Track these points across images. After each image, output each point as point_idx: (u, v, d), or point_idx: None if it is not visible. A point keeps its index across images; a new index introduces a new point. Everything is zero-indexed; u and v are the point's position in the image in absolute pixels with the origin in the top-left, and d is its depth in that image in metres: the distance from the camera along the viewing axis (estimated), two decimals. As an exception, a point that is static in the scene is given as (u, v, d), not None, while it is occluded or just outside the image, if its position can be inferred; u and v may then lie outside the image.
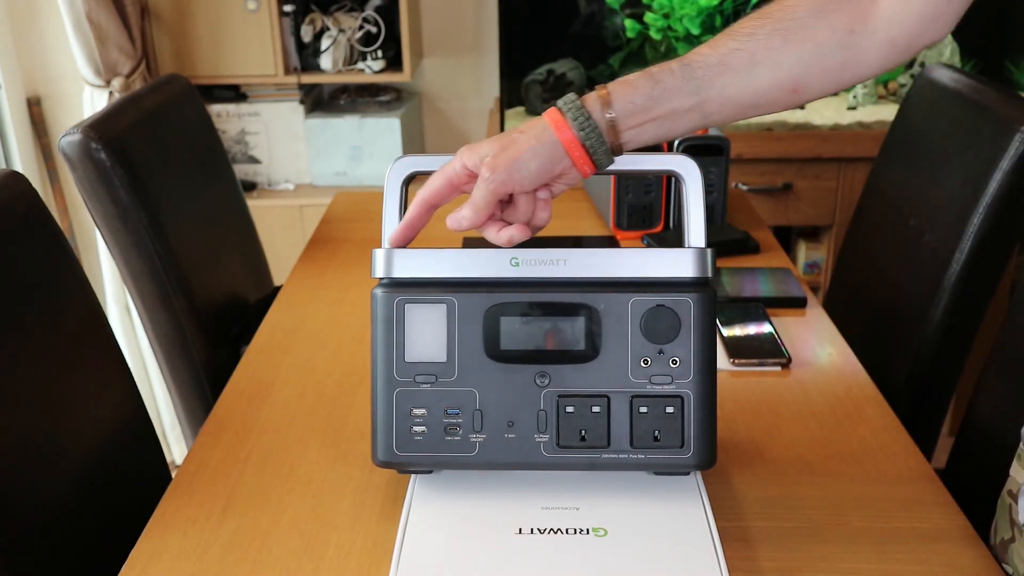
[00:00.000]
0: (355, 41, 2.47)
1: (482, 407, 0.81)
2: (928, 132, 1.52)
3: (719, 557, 0.76)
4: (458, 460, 0.82)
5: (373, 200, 1.93)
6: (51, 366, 1.02)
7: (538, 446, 0.81)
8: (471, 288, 0.81)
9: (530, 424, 0.81)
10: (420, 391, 0.82)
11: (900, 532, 0.87)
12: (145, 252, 1.37)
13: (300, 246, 1.83)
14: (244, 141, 2.56)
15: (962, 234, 1.32)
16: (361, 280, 1.47)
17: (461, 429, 0.81)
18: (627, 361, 0.81)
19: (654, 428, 0.81)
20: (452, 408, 0.81)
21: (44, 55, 2.33)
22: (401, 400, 0.82)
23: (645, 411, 0.81)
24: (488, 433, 0.81)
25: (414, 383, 0.82)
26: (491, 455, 0.82)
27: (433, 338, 0.81)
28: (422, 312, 0.82)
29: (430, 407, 0.81)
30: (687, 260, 0.81)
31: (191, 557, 0.85)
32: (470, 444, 0.82)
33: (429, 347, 0.81)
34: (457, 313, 0.81)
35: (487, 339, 0.81)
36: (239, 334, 1.56)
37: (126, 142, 1.35)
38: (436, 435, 0.82)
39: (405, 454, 0.82)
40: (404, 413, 0.81)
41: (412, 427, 0.82)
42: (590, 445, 0.81)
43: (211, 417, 1.09)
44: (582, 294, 0.80)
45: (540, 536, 0.79)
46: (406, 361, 0.82)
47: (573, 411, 0.81)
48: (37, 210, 1.06)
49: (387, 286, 0.83)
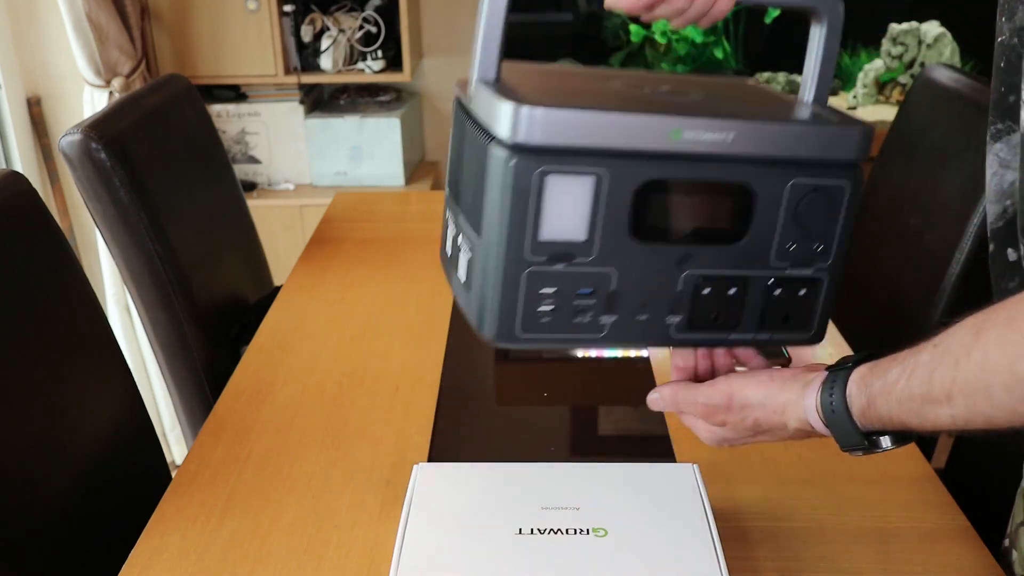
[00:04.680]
0: (355, 41, 2.47)
1: (618, 288, 0.74)
2: (928, 132, 1.52)
3: (719, 557, 0.76)
4: (584, 340, 0.76)
5: (373, 200, 1.93)
6: (51, 366, 1.02)
7: (668, 327, 0.76)
8: (623, 160, 0.71)
9: (664, 306, 0.75)
10: (552, 272, 0.73)
11: (900, 532, 0.87)
12: (145, 252, 1.37)
13: (300, 246, 1.83)
14: (244, 141, 2.56)
15: (962, 234, 1.32)
16: (361, 280, 1.47)
17: (592, 311, 0.74)
18: (773, 243, 0.76)
19: (786, 311, 0.78)
20: (585, 288, 0.74)
21: (44, 55, 2.33)
22: (531, 281, 0.73)
23: (779, 294, 0.77)
24: (620, 315, 0.75)
25: (547, 264, 0.72)
26: (619, 336, 0.76)
27: (574, 214, 0.71)
28: (566, 185, 0.71)
29: (562, 288, 0.73)
30: (851, 141, 0.74)
31: (191, 557, 0.85)
32: (599, 326, 0.75)
33: (568, 225, 0.72)
34: (606, 188, 0.71)
35: (634, 217, 0.72)
36: (239, 334, 1.56)
37: (126, 142, 1.35)
38: (564, 316, 0.74)
39: (528, 335, 0.74)
40: (532, 294, 0.73)
41: (539, 308, 0.73)
42: (720, 326, 0.77)
43: (211, 417, 1.09)
44: (743, 172, 0.74)
45: (540, 536, 0.79)
46: (539, 240, 0.71)
47: (710, 293, 0.76)
48: (37, 210, 1.06)
49: (522, 152, 0.70)
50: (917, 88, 1.60)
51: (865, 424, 0.66)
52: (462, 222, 0.77)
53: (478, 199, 0.72)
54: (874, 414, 0.65)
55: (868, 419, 0.66)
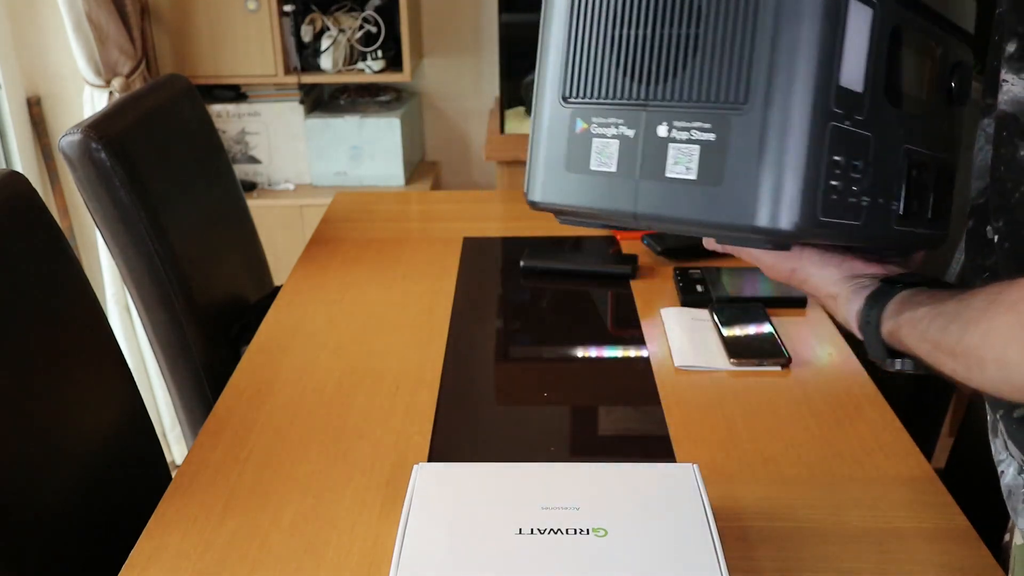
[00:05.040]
0: (355, 41, 2.47)
1: (873, 161, 0.64)
2: (928, 132, 1.52)
3: (719, 557, 0.76)
4: (847, 231, 0.63)
5: (373, 200, 1.93)
6: (51, 366, 1.02)
7: (890, 216, 0.67)
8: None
9: (891, 189, 0.66)
10: (846, 132, 0.60)
11: (900, 532, 0.87)
12: (145, 252, 1.37)
13: (300, 246, 1.83)
14: (244, 141, 2.56)
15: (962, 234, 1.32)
16: (361, 280, 1.47)
17: (858, 189, 0.63)
18: (945, 126, 0.72)
19: (942, 203, 0.76)
20: (858, 159, 0.62)
21: (44, 55, 2.33)
22: (833, 142, 0.59)
23: (941, 184, 0.75)
24: (871, 198, 0.65)
25: (843, 120, 0.59)
26: (871, 227, 0.66)
27: (858, 56, 0.60)
28: (857, 15, 0.58)
29: (846, 157, 0.61)
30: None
31: (191, 557, 0.85)
32: (859, 209, 0.63)
33: (855, 69, 0.60)
34: (877, 26, 0.60)
35: (890, 71, 0.62)
36: (239, 334, 1.56)
37: (126, 142, 1.35)
38: (846, 195, 0.61)
39: (827, 219, 0.60)
40: (830, 162, 0.59)
41: (832, 182, 0.60)
42: (917, 219, 0.72)
43: (211, 417, 1.09)
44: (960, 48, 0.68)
45: (540, 536, 0.79)
46: (840, 85, 0.59)
47: (917, 175, 0.70)
48: (37, 210, 1.06)
49: None
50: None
51: (891, 343, 0.70)
52: (671, 109, 0.62)
53: (743, 52, 0.58)
54: (897, 338, 0.69)
55: (894, 339, 0.70)
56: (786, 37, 0.56)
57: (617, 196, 0.65)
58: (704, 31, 0.59)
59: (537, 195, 0.71)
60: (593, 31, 0.66)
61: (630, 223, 0.66)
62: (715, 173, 0.59)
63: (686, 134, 0.60)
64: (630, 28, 0.63)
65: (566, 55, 0.68)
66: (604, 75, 0.65)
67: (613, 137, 0.65)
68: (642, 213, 0.63)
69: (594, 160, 0.66)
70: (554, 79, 0.69)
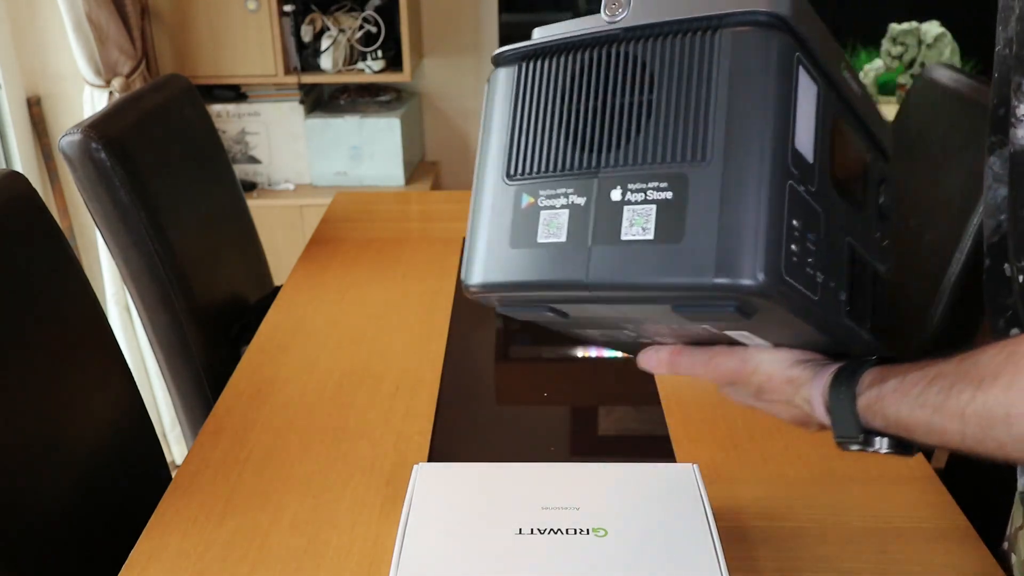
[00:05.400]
0: (355, 41, 2.47)
1: (823, 238, 0.60)
2: (928, 132, 1.52)
3: (719, 557, 0.76)
4: (813, 304, 0.59)
5: (373, 200, 1.93)
6: (51, 366, 1.02)
7: (840, 305, 0.64)
8: (828, 85, 0.60)
9: (838, 277, 0.63)
10: (801, 195, 0.57)
11: (900, 532, 0.87)
12: (145, 252, 1.37)
13: (300, 246, 1.83)
14: (244, 141, 2.56)
15: (962, 234, 1.32)
16: (361, 280, 1.47)
17: (813, 261, 0.59)
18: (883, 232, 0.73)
19: (883, 313, 0.74)
20: (811, 231, 0.59)
21: (44, 55, 2.33)
22: (791, 201, 0.56)
23: (879, 289, 0.73)
24: (824, 276, 0.60)
25: (802, 183, 0.57)
26: (826, 309, 0.61)
27: (808, 126, 0.59)
28: (805, 86, 0.58)
29: (802, 223, 0.57)
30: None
31: (191, 557, 0.85)
32: (816, 284, 0.59)
33: (805, 137, 0.58)
34: (822, 105, 0.60)
35: (833, 161, 0.61)
36: (239, 334, 1.56)
37: (126, 142, 1.35)
38: (804, 259, 0.58)
39: (790, 279, 0.56)
40: (788, 223, 0.56)
41: (796, 245, 0.57)
42: (865, 322, 0.68)
43: (211, 417, 1.09)
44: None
45: (540, 536, 0.79)
46: (795, 147, 0.57)
47: (861, 272, 0.67)
48: (37, 210, 1.06)
49: (765, 27, 0.56)
50: (917, 88, 1.60)
51: (867, 418, 0.64)
52: (625, 173, 0.58)
53: (699, 113, 0.56)
54: (879, 411, 0.63)
55: (872, 413, 0.63)
56: (743, 94, 0.56)
57: (567, 266, 0.59)
58: (658, 96, 0.58)
59: (476, 277, 0.63)
60: (539, 108, 0.63)
61: (583, 296, 0.60)
62: (674, 231, 0.55)
63: (641, 195, 0.57)
64: (579, 102, 0.61)
65: (510, 134, 0.64)
66: (552, 149, 0.62)
67: (563, 207, 0.60)
68: (594, 281, 0.58)
69: (542, 232, 0.60)
70: (496, 159, 0.65)
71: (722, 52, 0.56)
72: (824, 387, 0.66)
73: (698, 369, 0.70)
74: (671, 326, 0.65)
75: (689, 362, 0.70)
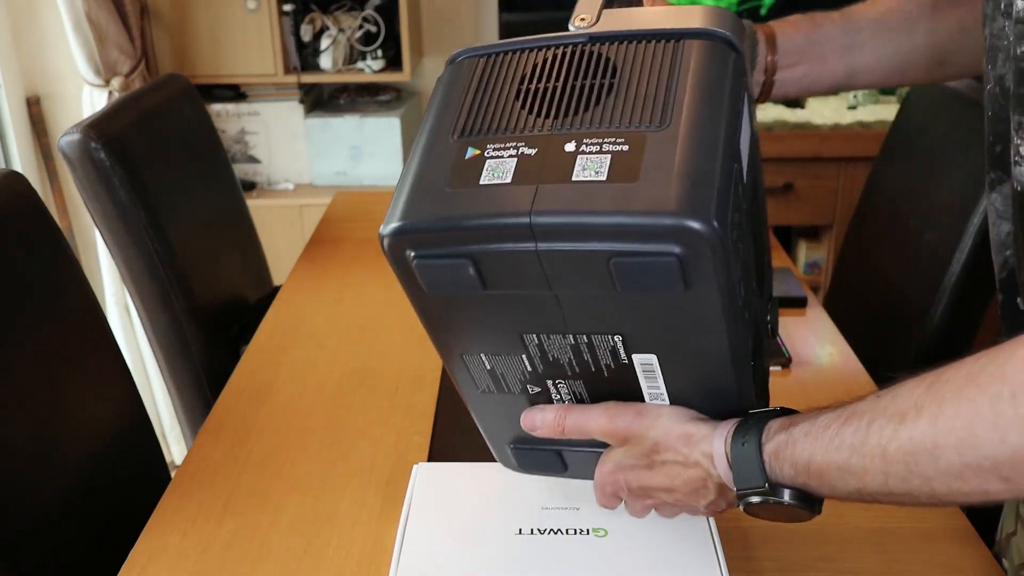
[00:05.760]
0: (355, 41, 2.47)
1: (743, 260, 0.61)
2: (928, 132, 1.52)
3: (719, 557, 0.76)
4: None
5: (373, 200, 1.93)
6: (51, 366, 1.02)
7: (748, 330, 0.64)
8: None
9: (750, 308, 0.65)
10: (739, 200, 0.58)
11: (900, 532, 0.87)
12: (145, 252, 1.37)
13: (300, 246, 1.83)
14: (244, 141, 2.56)
15: (962, 234, 1.32)
16: (361, 280, 1.47)
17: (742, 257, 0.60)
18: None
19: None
20: (740, 237, 0.59)
21: (44, 55, 2.33)
22: (735, 188, 0.58)
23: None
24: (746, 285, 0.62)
25: (740, 181, 0.59)
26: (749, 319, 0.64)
27: (745, 137, 0.63)
28: (746, 109, 0.63)
29: (738, 221, 0.57)
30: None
31: (191, 557, 0.85)
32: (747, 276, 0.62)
33: (743, 147, 0.63)
34: (753, 142, 0.66)
35: (749, 213, 0.63)
36: (239, 334, 1.56)
37: (126, 142, 1.35)
38: (739, 252, 0.58)
39: (733, 242, 0.56)
40: (733, 202, 0.57)
41: (733, 219, 0.57)
42: (758, 370, 0.71)
43: (211, 417, 1.09)
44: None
45: (540, 536, 0.79)
46: (739, 144, 0.60)
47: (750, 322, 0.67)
48: (37, 210, 1.06)
49: (724, 44, 0.62)
50: (917, 88, 1.60)
51: (774, 466, 0.60)
52: (585, 131, 0.58)
53: (658, 91, 0.58)
54: (788, 457, 0.59)
55: (780, 461, 0.60)
56: (706, 78, 0.58)
57: (509, 201, 0.55)
58: (619, 79, 0.59)
59: (396, 220, 0.57)
60: (498, 86, 0.62)
61: (520, 246, 0.55)
62: (629, 174, 0.54)
63: (596, 147, 0.56)
64: (540, 83, 0.61)
65: (461, 106, 0.62)
66: (507, 114, 0.60)
67: (511, 157, 0.57)
68: (539, 220, 0.54)
69: (485, 176, 0.57)
70: (443, 125, 0.61)
71: (686, 51, 0.59)
72: (727, 436, 0.62)
73: (590, 424, 0.67)
74: (583, 333, 0.62)
75: (578, 417, 0.67)
